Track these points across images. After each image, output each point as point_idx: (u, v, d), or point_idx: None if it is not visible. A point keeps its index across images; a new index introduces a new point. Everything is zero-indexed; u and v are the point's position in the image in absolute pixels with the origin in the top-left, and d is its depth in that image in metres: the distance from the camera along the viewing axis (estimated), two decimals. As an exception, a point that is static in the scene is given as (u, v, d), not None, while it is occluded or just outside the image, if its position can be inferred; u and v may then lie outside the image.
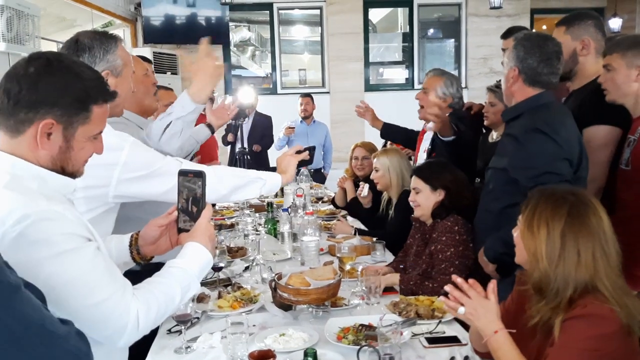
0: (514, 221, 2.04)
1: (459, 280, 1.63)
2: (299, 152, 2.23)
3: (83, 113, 1.29)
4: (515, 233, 1.65)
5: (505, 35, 3.37)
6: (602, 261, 1.45)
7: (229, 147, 6.11)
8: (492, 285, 1.61)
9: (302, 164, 2.29)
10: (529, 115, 2.19)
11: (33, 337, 0.82)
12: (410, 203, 2.68)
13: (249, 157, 5.63)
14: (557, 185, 1.82)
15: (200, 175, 1.55)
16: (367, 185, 3.76)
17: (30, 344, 0.82)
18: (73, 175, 1.35)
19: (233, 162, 5.83)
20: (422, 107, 3.16)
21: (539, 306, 1.50)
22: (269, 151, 6.20)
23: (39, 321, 0.85)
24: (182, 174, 1.59)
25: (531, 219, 1.53)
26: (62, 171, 1.32)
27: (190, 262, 1.47)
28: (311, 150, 2.32)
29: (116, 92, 1.42)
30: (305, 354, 1.45)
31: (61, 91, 1.25)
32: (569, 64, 2.45)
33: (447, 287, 1.63)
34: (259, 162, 5.76)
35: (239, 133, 5.66)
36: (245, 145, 5.76)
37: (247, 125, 6.02)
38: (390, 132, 3.80)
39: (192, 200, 1.56)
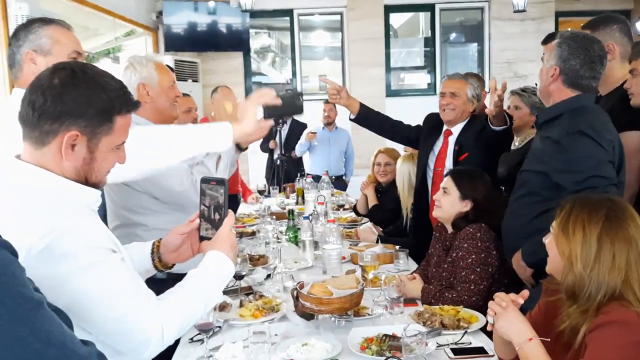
0: (547, 226, 2.00)
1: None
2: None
3: (107, 124, 1.29)
4: (547, 240, 1.61)
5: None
6: (635, 267, 1.43)
7: (268, 153, 6.21)
8: (525, 293, 1.59)
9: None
10: (569, 117, 2.12)
11: (53, 356, 0.81)
12: (435, 201, 2.62)
13: (286, 163, 5.71)
14: (591, 192, 1.78)
15: (222, 182, 1.54)
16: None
17: None
18: (96, 185, 1.34)
19: (272, 168, 5.94)
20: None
21: (570, 310, 1.47)
22: (304, 157, 6.28)
23: (59, 338, 0.83)
24: (205, 181, 1.58)
25: (566, 222, 1.51)
26: (86, 182, 1.31)
27: (212, 272, 1.46)
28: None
29: (139, 102, 1.41)
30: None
31: (86, 103, 1.25)
32: None
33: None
34: (296, 168, 5.87)
35: (277, 139, 5.71)
36: (283, 151, 5.81)
37: (284, 132, 6.10)
38: (366, 118, 3.42)
39: (214, 207, 1.55)
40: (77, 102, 1.24)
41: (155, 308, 1.29)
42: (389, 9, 7.76)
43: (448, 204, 2.54)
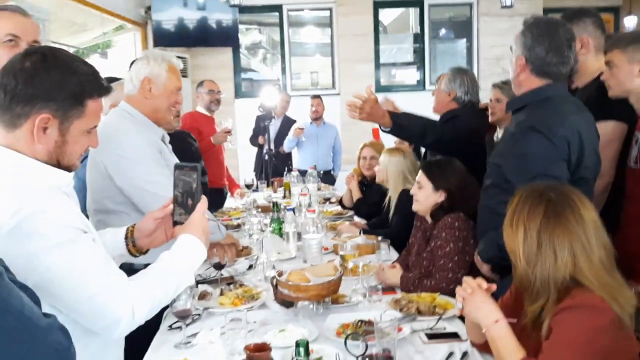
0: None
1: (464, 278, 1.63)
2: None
3: (78, 107, 1.31)
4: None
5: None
6: (582, 257, 1.43)
7: (257, 148, 6.24)
8: (493, 286, 1.61)
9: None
10: (530, 109, 2.09)
11: (12, 326, 0.82)
12: (412, 195, 2.66)
13: (274, 158, 5.75)
14: (541, 182, 1.72)
15: (195, 168, 1.56)
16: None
17: (7, 332, 0.81)
18: (68, 168, 1.36)
19: (260, 163, 5.96)
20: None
21: (532, 308, 1.49)
22: (293, 152, 6.32)
23: (18, 308, 0.84)
24: (178, 167, 1.60)
25: (511, 218, 1.53)
26: (58, 165, 1.33)
27: (183, 254, 1.48)
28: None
29: (110, 87, 1.43)
30: (297, 345, 1.45)
31: (57, 86, 1.27)
32: None
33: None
34: (284, 163, 5.91)
35: (266, 135, 5.76)
36: (272, 146, 5.84)
37: (274, 127, 6.11)
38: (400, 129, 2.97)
39: (187, 193, 1.58)
40: (48, 86, 1.26)
41: (126, 288, 1.31)
42: (378, 5, 7.78)
43: (423, 197, 2.58)
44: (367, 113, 2.75)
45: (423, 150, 3.97)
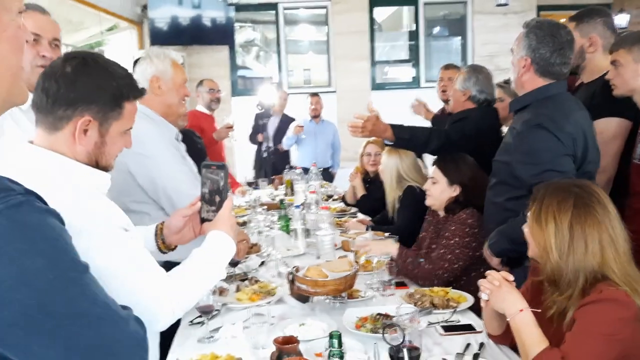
0: (516, 214, 2.09)
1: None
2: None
3: (117, 109, 1.35)
4: (526, 229, 1.69)
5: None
6: (610, 249, 1.50)
7: (256, 146, 6.28)
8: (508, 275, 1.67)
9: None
10: (534, 107, 2.17)
11: (99, 315, 0.87)
12: (425, 190, 2.71)
13: (273, 156, 5.82)
14: (561, 179, 1.83)
15: (223, 167, 1.61)
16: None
17: (96, 321, 0.86)
18: (105, 168, 1.41)
19: (259, 160, 6.03)
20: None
21: (554, 297, 1.55)
22: (291, 149, 6.38)
23: (104, 300, 0.90)
24: (206, 166, 1.65)
25: (539, 214, 1.58)
26: (96, 165, 1.38)
27: (215, 250, 1.53)
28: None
29: (145, 89, 1.48)
30: (331, 336, 1.50)
31: (97, 89, 1.31)
32: (577, 60, 2.47)
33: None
34: (283, 161, 5.97)
35: (265, 132, 5.81)
36: (271, 144, 5.89)
37: (273, 125, 6.16)
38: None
39: (214, 190, 1.62)
40: (89, 89, 1.30)
41: (167, 283, 1.36)
42: (373, 3, 7.84)
43: (438, 192, 2.64)
44: (370, 130, 2.77)
45: None
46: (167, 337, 1.98)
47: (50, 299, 0.81)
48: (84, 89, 1.29)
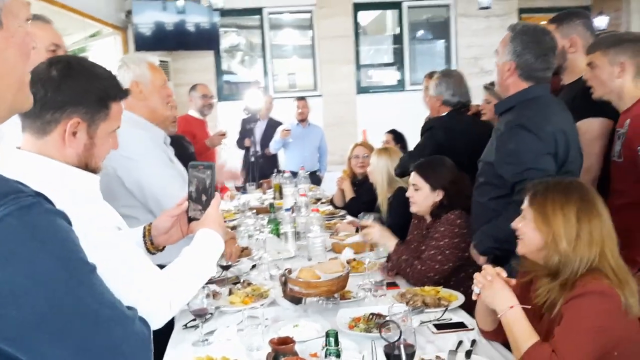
0: (499, 214, 2.13)
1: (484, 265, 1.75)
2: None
3: (104, 110, 1.38)
4: (520, 224, 1.72)
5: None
6: (608, 240, 1.57)
7: (244, 151, 6.31)
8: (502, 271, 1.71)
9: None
10: (517, 109, 2.23)
11: (108, 316, 0.88)
12: (409, 198, 2.74)
13: (261, 160, 5.84)
14: (559, 177, 1.90)
15: (210, 167, 1.63)
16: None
17: (105, 321, 0.88)
18: (94, 171, 1.42)
19: (247, 164, 6.03)
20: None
21: (551, 285, 1.59)
22: (279, 153, 6.39)
23: (111, 300, 0.91)
24: (192, 166, 1.67)
25: (544, 207, 1.63)
26: (86, 167, 1.39)
27: (205, 247, 1.55)
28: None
29: (129, 90, 1.50)
30: (327, 335, 1.52)
31: (84, 91, 1.33)
32: (559, 60, 2.53)
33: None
34: (271, 165, 5.98)
35: (252, 137, 5.82)
36: (258, 148, 5.89)
37: (259, 129, 6.18)
38: None
39: (201, 189, 1.64)
40: (76, 91, 1.32)
41: (163, 280, 1.38)
42: (357, 7, 7.90)
43: (421, 198, 2.66)
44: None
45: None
46: (161, 341, 1.99)
47: (61, 300, 0.82)
48: (71, 91, 1.31)
